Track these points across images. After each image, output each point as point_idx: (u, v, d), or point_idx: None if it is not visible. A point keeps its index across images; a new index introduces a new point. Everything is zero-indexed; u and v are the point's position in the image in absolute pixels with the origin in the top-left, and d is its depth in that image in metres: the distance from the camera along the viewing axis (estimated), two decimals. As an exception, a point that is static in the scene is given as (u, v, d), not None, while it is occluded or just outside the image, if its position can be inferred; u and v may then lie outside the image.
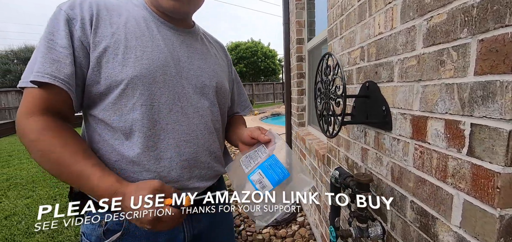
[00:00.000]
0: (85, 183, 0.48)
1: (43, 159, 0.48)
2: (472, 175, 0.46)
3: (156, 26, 0.59)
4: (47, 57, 0.48)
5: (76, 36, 0.50)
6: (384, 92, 0.74)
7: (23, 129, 0.48)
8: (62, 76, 0.48)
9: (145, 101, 0.54)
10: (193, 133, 0.60)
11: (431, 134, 0.56)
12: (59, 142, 0.48)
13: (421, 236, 0.61)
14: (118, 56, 0.52)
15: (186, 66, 0.61)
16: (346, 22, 1.01)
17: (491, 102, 0.42)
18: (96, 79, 0.52)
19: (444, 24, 0.51)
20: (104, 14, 0.53)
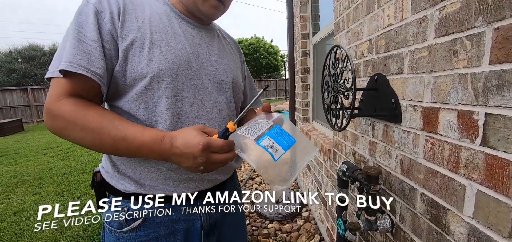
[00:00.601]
0: (130, 143, 0.49)
1: (83, 133, 0.48)
2: (485, 165, 0.46)
3: (177, 22, 0.61)
4: (78, 49, 0.48)
5: (105, 29, 0.51)
6: (394, 84, 0.74)
7: (56, 113, 0.48)
8: (93, 68, 0.49)
9: (169, 94, 0.56)
10: (212, 126, 0.62)
11: (443, 125, 0.56)
12: (95, 113, 0.49)
13: (432, 228, 0.61)
14: (144, 50, 0.53)
15: (205, 62, 0.63)
16: (354, 14, 1.01)
17: (507, 91, 0.41)
18: (122, 71, 0.53)
19: (457, 13, 0.50)
20: (130, 7, 0.55)
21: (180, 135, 0.48)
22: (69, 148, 5.30)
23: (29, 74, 12.45)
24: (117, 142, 0.49)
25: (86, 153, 4.79)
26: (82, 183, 3.26)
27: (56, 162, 4.25)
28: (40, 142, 6.14)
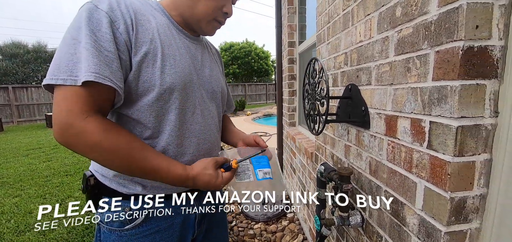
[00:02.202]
0: (158, 176, 0.55)
1: (111, 156, 0.50)
2: (430, 164, 0.55)
3: (177, 34, 0.65)
4: (100, 59, 0.48)
5: (121, 40, 0.52)
6: (364, 94, 0.83)
7: (80, 132, 0.47)
8: (115, 79, 0.50)
9: (178, 105, 0.61)
10: (208, 132, 0.69)
11: (400, 130, 0.64)
12: (123, 140, 0.51)
13: (393, 221, 0.70)
14: (157, 63, 0.56)
15: (201, 74, 0.69)
16: (333, 29, 1.10)
17: (444, 103, 0.50)
18: (134, 81, 0.55)
19: (410, 36, 0.59)
20: (140, 18, 0.56)
21: (203, 176, 0.59)
22: (51, 149, 5.14)
23: (11, 72, 11.94)
24: (146, 172, 0.54)
25: (70, 154, 4.66)
26: (66, 185, 3.18)
27: (38, 164, 4.12)
28: (21, 143, 5.91)
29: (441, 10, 0.50)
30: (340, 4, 1.00)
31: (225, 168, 0.63)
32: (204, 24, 0.66)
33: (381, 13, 0.71)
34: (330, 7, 1.12)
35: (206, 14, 0.64)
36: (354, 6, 0.88)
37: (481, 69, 0.47)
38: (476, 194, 0.51)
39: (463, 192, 0.51)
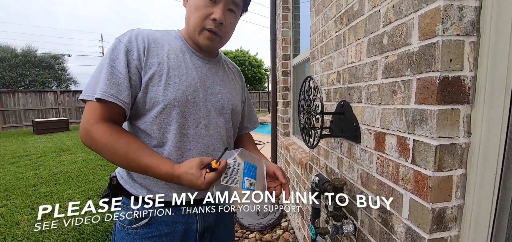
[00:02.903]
0: (149, 171, 0.63)
1: (113, 155, 0.62)
2: (414, 178, 0.61)
3: (189, 56, 0.73)
4: (110, 81, 0.61)
5: (133, 65, 0.64)
6: (355, 111, 0.90)
7: (92, 135, 0.61)
8: (121, 97, 0.62)
9: (178, 119, 0.68)
10: (212, 145, 0.74)
11: (388, 146, 0.71)
12: (123, 141, 0.62)
13: (383, 229, 0.75)
14: (161, 83, 0.66)
15: (210, 91, 0.75)
16: (326, 48, 1.18)
17: (425, 124, 0.57)
18: (143, 98, 0.66)
19: (395, 63, 0.67)
20: (152, 46, 0.67)
21: (186, 175, 0.62)
22: (39, 157, 5.00)
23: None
24: (140, 168, 0.63)
25: (59, 162, 4.55)
26: (54, 195, 3.10)
27: (25, 172, 4.00)
28: (6, 149, 5.72)
29: (421, 43, 0.57)
30: (333, 26, 1.08)
31: (210, 168, 0.64)
32: (197, 37, 0.70)
33: (370, 39, 0.79)
34: (323, 27, 1.20)
35: (195, 26, 0.69)
36: (345, 29, 0.96)
37: (455, 96, 0.54)
38: (454, 205, 0.58)
39: (442, 203, 0.57)
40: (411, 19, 0.60)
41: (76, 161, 4.67)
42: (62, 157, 5.01)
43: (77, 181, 3.58)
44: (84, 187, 3.36)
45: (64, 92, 11.19)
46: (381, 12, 0.73)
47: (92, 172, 4.02)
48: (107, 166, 4.29)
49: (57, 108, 10.83)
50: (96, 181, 3.58)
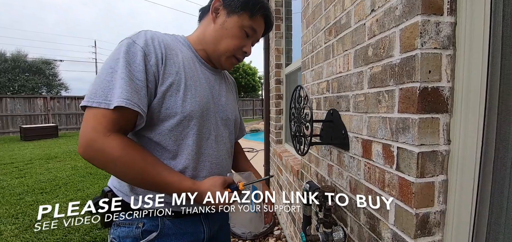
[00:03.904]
0: (169, 190, 0.59)
1: (128, 170, 0.56)
2: (399, 184, 0.63)
3: (199, 67, 0.73)
4: (131, 87, 0.55)
5: (151, 71, 0.60)
6: (344, 119, 0.92)
7: (102, 148, 0.53)
8: (142, 105, 0.57)
9: (196, 131, 0.67)
10: (221, 157, 0.75)
11: (375, 153, 0.73)
12: (139, 155, 0.57)
13: (371, 236, 0.77)
14: (179, 93, 0.63)
15: (218, 102, 0.76)
16: (316, 58, 1.21)
17: (407, 132, 0.60)
18: (158, 107, 0.62)
19: (380, 73, 0.70)
20: (169, 53, 0.64)
21: (210, 192, 0.60)
22: (25, 164, 4.85)
23: (-18, 81, 11.27)
24: (158, 184, 0.59)
25: (46, 170, 4.43)
26: (41, 204, 2.99)
27: (10, 180, 3.86)
28: (-10, 157, 5.52)
29: (403, 55, 0.60)
30: (322, 38, 1.12)
31: (232, 188, 0.65)
32: (224, 60, 0.73)
33: (357, 51, 0.82)
34: (314, 38, 1.24)
35: (227, 51, 0.72)
36: (334, 41, 0.99)
37: (435, 105, 0.57)
38: (437, 210, 0.60)
39: (426, 208, 0.59)
40: (393, 32, 0.64)
41: (65, 169, 4.54)
42: (49, 165, 4.87)
43: (65, 190, 3.49)
44: (72, 195, 3.27)
45: (54, 98, 10.97)
46: (366, 26, 0.76)
47: (81, 180, 3.92)
48: (97, 174, 4.19)
49: (46, 114, 10.58)
50: (84, 190, 3.49)
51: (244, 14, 0.70)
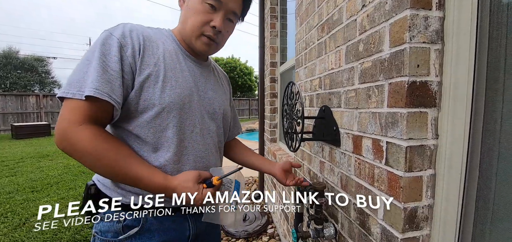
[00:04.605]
0: (139, 183, 0.58)
1: (98, 163, 0.55)
2: (388, 179, 0.63)
3: (183, 58, 0.71)
4: (103, 77, 0.55)
5: (127, 62, 0.59)
6: (335, 115, 0.92)
7: (72, 138, 0.53)
8: (114, 96, 0.56)
9: (176, 123, 0.65)
10: (206, 151, 0.72)
11: (365, 149, 0.73)
12: (111, 147, 0.56)
13: (361, 231, 0.77)
14: (158, 84, 0.62)
15: (203, 95, 0.73)
16: (309, 55, 1.21)
17: (396, 127, 0.60)
18: (136, 99, 0.61)
19: (370, 69, 0.70)
20: (148, 44, 0.63)
21: (181, 189, 0.59)
22: (16, 163, 4.76)
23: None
24: (129, 178, 0.57)
25: (37, 169, 4.35)
26: (31, 202, 2.95)
27: (0, 179, 3.78)
28: (-20, 155, 5.40)
29: (392, 50, 0.60)
30: (315, 34, 1.12)
31: (208, 184, 0.63)
32: (194, 41, 0.69)
33: (348, 47, 0.82)
34: (307, 36, 1.24)
35: (193, 30, 0.68)
36: (326, 37, 0.99)
37: (423, 100, 0.57)
38: (425, 204, 0.60)
39: (414, 202, 0.59)
40: (383, 27, 0.64)
41: (57, 167, 4.47)
42: (41, 163, 4.78)
43: (56, 188, 3.43)
44: (63, 194, 3.22)
45: (47, 96, 10.78)
46: (357, 21, 0.76)
47: (73, 179, 3.86)
48: (91, 173, 4.11)
49: (38, 112, 10.39)
50: (76, 188, 3.44)
51: None
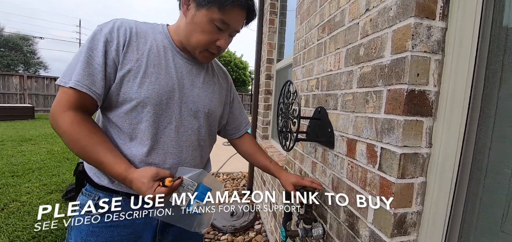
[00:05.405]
0: (103, 169, 0.63)
1: (73, 144, 0.61)
2: (380, 184, 0.64)
3: (172, 55, 0.73)
4: (85, 71, 0.61)
5: (110, 57, 0.64)
6: (331, 117, 0.93)
7: (57, 121, 0.61)
8: (94, 88, 0.62)
9: (149, 118, 0.68)
10: (179, 148, 0.73)
11: (358, 153, 0.74)
12: (84, 133, 0.61)
13: (349, 233, 0.78)
14: (137, 79, 0.66)
15: (187, 92, 0.74)
16: (308, 55, 1.21)
17: (392, 133, 0.60)
18: (116, 92, 0.66)
19: (369, 74, 0.70)
20: (134, 40, 0.67)
21: (138, 182, 0.61)
22: (-4, 144, 4.54)
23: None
24: (96, 163, 0.63)
25: (19, 153, 4.17)
26: (11, 187, 2.82)
27: (-23, 161, 3.60)
28: (-44, 134, 5.12)
29: (393, 57, 0.60)
30: (315, 34, 1.11)
31: (163, 183, 0.62)
32: (198, 53, 0.73)
33: (348, 50, 0.82)
34: (307, 35, 1.23)
35: (198, 46, 0.71)
36: (327, 38, 0.99)
37: (420, 109, 0.58)
38: (414, 211, 0.61)
39: (404, 208, 0.60)
40: (385, 33, 0.64)
41: (39, 152, 4.30)
42: (23, 147, 4.59)
43: (38, 174, 3.30)
44: (46, 180, 3.10)
45: (32, 77, 10.33)
46: (360, 25, 0.76)
47: (57, 165, 3.72)
48: (75, 159, 4.00)
49: (22, 94, 9.95)
50: (60, 175, 3.32)
51: (212, 7, 0.66)
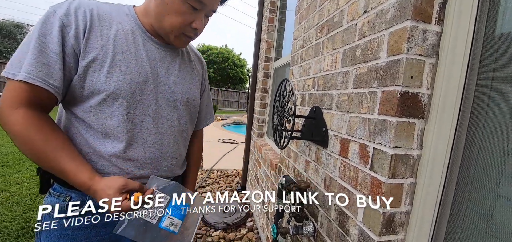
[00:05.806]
0: (64, 177, 0.56)
1: (26, 149, 0.53)
2: (371, 183, 0.65)
3: (142, 40, 0.65)
4: (38, 60, 0.51)
5: (69, 44, 0.55)
6: (326, 117, 0.93)
7: (7, 120, 0.52)
8: (51, 80, 0.53)
9: (122, 111, 0.61)
10: (159, 141, 0.68)
11: (351, 152, 0.75)
12: (41, 136, 0.53)
13: (339, 231, 0.79)
14: (104, 69, 0.58)
15: (163, 81, 0.68)
16: (305, 54, 1.21)
17: (384, 134, 0.61)
18: (80, 84, 0.57)
19: (365, 75, 0.71)
20: (96, 24, 0.58)
21: (102, 194, 0.55)
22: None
23: None
24: (54, 170, 0.56)
25: (9, 142, 4.07)
26: (0, 177, 2.76)
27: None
28: None
29: (389, 59, 0.61)
30: (313, 34, 1.12)
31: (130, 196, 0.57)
32: (173, 38, 0.66)
33: (345, 50, 0.83)
34: (305, 34, 1.24)
35: (172, 29, 0.64)
36: (325, 38, 1.00)
37: (412, 111, 0.59)
38: (402, 211, 0.63)
39: (393, 208, 0.62)
40: (382, 35, 0.64)
41: (30, 138, 4.21)
42: (13, 132, 4.49)
43: (29, 164, 3.23)
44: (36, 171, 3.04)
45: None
46: (357, 26, 0.77)
47: (48, 152, 3.65)
48: (66, 148, 3.93)
49: (13, 78, 9.70)
50: (51, 162, 3.26)
51: None
